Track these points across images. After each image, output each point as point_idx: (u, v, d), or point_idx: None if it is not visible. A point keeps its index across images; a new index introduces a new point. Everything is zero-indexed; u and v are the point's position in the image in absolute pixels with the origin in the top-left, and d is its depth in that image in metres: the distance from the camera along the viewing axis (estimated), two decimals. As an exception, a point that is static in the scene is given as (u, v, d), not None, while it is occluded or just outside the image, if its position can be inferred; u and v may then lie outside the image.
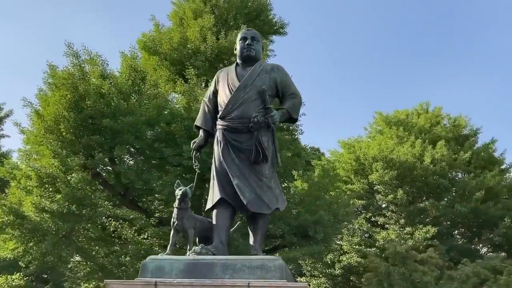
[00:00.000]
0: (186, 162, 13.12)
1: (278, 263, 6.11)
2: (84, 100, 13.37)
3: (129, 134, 13.06)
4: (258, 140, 7.04)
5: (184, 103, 14.33)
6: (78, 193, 12.25)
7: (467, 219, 24.98)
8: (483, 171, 27.08)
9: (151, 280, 6.03)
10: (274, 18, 21.96)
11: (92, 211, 12.56)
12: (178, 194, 6.86)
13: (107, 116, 13.12)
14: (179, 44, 17.26)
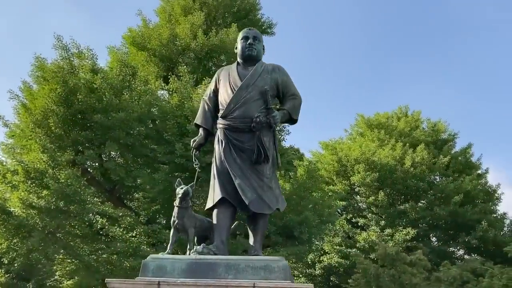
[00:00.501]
0: (179, 160, 12.99)
1: (282, 264, 6.12)
2: (74, 94, 13.09)
3: (121, 130, 12.84)
4: (260, 140, 7.04)
5: (176, 100, 14.16)
6: (68, 189, 12.00)
7: (445, 222, 25.47)
8: (461, 175, 27.64)
9: (154, 279, 5.96)
10: (262, 18, 22.00)
11: (80, 208, 12.30)
12: (179, 193, 6.80)
13: (98, 111, 12.87)
14: (168, 41, 17.09)
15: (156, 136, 13.86)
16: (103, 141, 13.03)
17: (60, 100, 13.04)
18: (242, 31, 7.76)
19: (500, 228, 26.43)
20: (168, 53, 17.12)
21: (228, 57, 17.17)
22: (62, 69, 13.47)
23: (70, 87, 13.07)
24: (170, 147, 13.38)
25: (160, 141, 13.81)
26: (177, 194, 6.80)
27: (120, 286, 6.01)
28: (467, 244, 24.72)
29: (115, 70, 14.10)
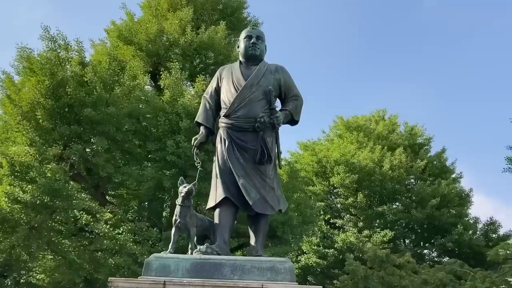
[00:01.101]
0: (170, 157, 12.79)
1: (288, 265, 6.10)
2: (62, 87, 12.72)
3: (111, 125, 12.55)
4: (264, 140, 7.03)
5: (167, 97, 13.95)
6: (55, 184, 11.66)
7: (421, 225, 25.95)
8: (437, 178, 28.21)
9: (159, 279, 5.86)
10: (248, 17, 21.92)
11: (67, 204, 11.96)
12: (182, 192, 6.72)
13: (87, 105, 12.54)
14: (155, 36, 16.82)
15: (146, 132, 13.62)
16: (92, 136, 12.70)
17: (48, 93, 12.66)
18: (244, 30, 7.71)
19: (474, 231, 27.10)
20: (155, 48, 16.86)
21: (216, 54, 17.04)
22: (50, 60, 13.08)
23: (59, 80, 12.70)
24: (160, 144, 13.19)
25: (149, 137, 13.59)
26: (180, 192, 6.71)
27: (124, 285, 5.88)
28: (443, 246, 25.24)
29: (104, 64, 13.77)
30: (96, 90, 12.64)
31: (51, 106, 12.61)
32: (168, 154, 12.83)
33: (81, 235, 13.45)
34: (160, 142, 13.25)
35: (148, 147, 13.25)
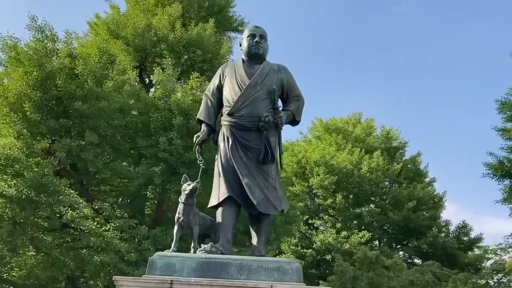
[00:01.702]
0: (162, 154, 12.57)
1: (295, 266, 6.10)
2: (52, 79, 12.33)
3: (101, 120, 12.24)
4: (268, 140, 7.02)
5: (159, 93, 13.73)
6: (43, 179, 11.28)
7: (398, 226, 26.39)
8: (412, 182, 28.75)
9: (166, 278, 5.76)
10: (234, 15, 21.85)
11: (54, 200, 11.59)
12: (186, 189, 6.63)
13: (78, 98, 12.18)
14: (143, 30, 16.54)
15: (136, 128, 13.37)
16: (81, 130, 12.36)
17: (36, 84, 12.24)
18: (248, 28, 7.66)
19: (447, 234, 27.75)
20: (142, 43, 16.57)
21: (204, 52, 16.87)
22: (37, 51, 12.66)
23: (47, 71, 12.30)
24: (152, 141, 12.97)
25: (138, 133, 13.34)
26: (184, 190, 6.62)
27: (130, 284, 5.75)
28: (417, 248, 25.74)
29: (94, 57, 13.44)
30: (88, 84, 12.32)
31: (39, 98, 12.21)
32: (160, 151, 12.63)
33: (65, 232, 13.09)
34: (151, 139, 13.04)
35: (139, 144, 13.00)
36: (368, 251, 17.19)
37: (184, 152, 12.52)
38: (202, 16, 19.51)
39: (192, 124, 12.97)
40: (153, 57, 17.04)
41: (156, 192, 14.13)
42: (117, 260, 12.10)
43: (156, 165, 13.20)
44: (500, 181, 18.82)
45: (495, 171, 18.44)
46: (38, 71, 12.20)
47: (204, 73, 16.46)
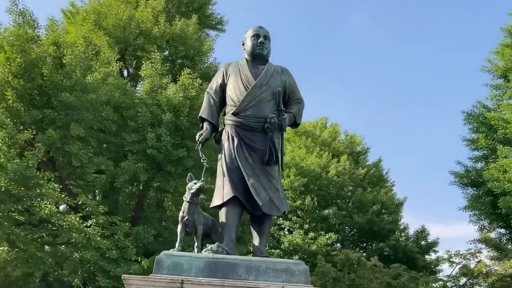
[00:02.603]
0: (150, 150, 12.27)
1: (303, 268, 6.17)
2: (37, 67, 11.78)
3: (88, 112, 11.83)
4: (273, 141, 7.06)
5: (147, 87, 13.42)
6: (27, 171, 10.75)
7: (362, 229, 26.98)
8: (375, 186, 29.48)
9: (177, 278, 5.72)
10: (213, 13, 21.68)
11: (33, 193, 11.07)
12: (193, 188, 6.57)
13: (64, 89, 11.69)
14: (126, 22, 16.12)
15: (122, 122, 13.03)
16: (66, 122, 11.89)
17: (20, 72, 11.67)
18: (252, 28, 7.66)
19: (407, 238, 28.63)
20: (124, 36, 16.15)
21: (186, 48, 16.62)
22: (20, 37, 12.07)
23: (31, 59, 11.75)
24: (138, 136, 12.67)
25: (124, 128, 13.01)
26: (190, 189, 6.56)
27: (139, 283, 5.66)
28: (380, 251, 26.39)
29: (79, 47, 12.96)
30: (76, 74, 11.88)
31: (22, 86, 11.67)
32: (148, 147, 12.36)
33: (42, 227, 12.56)
34: (138, 134, 12.74)
35: (126, 139, 12.68)
36: (351, 253, 17.52)
37: (172, 149, 12.33)
38: (182, 12, 19.26)
39: (181, 122, 12.80)
40: (132, 50, 16.67)
41: (138, 189, 13.85)
42: (98, 258, 11.78)
43: (141, 161, 12.93)
44: (465, 189, 19.63)
45: (460, 180, 19.21)
46: (21, 58, 11.66)
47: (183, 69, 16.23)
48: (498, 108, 19.09)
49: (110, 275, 11.78)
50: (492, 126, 18.36)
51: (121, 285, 12.39)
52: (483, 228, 20.01)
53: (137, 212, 13.91)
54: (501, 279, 13.76)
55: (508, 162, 15.15)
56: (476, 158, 19.23)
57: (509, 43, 20.02)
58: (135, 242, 12.34)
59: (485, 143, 17.48)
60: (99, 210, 12.02)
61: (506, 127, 16.26)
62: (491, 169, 16.21)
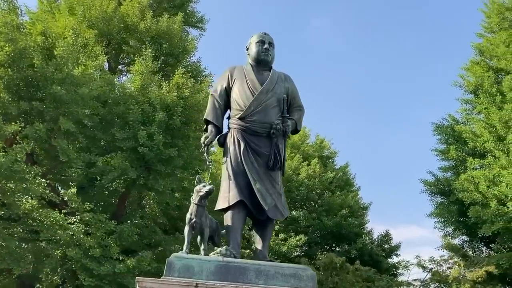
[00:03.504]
0: (142, 149, 12.08)
1: (310, 273, 6.40)
2: (26, 57, 11.34)
3: (78, 107, 11.52)
4: (277, 146, 7.27)
5: (138, 84, 13.21)
6: (15, 165, 10.34)
7: (330, 232, 27.51)
8: (342, 190, 30.12)
9: (191, 281, 5.82)
10: (194, 11, 21.57)
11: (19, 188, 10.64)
12: (202, 191, 6.68)
13: (55, 82, 11.31)
14: (111, 16, 15.78)
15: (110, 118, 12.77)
16: (54, 115, 11.52)
17: (8, 61, 11.22)
18: (256, 34, 7.83)
19: (372, 241, 29.40)
20: (108, 29, 15.81)
21: (170, 46, 16.46)
22: (7, 24, 11.58)
23: (20, 49, 11.31)
24: (128, 133, 12.46)
25: (113, 124, 12.76)
26: (198, 191, 6.65)
27: (154, 286, 5.70)
28: (347, 254, 26.98)
29: (69, 39, 12.59)
30: (68, 67, 11.55)
31: (10, 77, 11.24)
32: (139, 145, 12.19)
33: (22, 222, 12.10)
34: (128, 131, 12.54)
35: (116, 136, 12.46)
36: (334, 257, 17.84)
37: (164, 148, 12.24)
38: (164, 8, 19.10)
39: (174, 121, 12.74)
40: (115, 43, 16.35)
41: (122, 186, 13.64)
42: (81, 255, 11.53)
43: (130, 158, 12.75)
44: (434, 197, 20.46)
45: (430, 188, 20.00)
46: (9, 47, 11.23)
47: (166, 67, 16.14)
48: (467, 122, 20.03)
49: (93, 273, 11.57)
50: (461, 138, 19.23)
51: (104, 284, 12.31)
52: (447, 235, 20.87)
53: (119, 210, 13.70)
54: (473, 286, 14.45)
55: (479, 174, 15.93)
56: (446, 168, 20.06)
57: (478, 61, 21.01)
58: (118, 241, 12.18)
59: (455, 154, 18.27)
60: (84, 207, 11.78)
61: (476, 140, 17.08)
62: (461, 180, 16.97)
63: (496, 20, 22.42)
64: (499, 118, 15.78)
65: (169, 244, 13.81)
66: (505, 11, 22.07)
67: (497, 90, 17.97)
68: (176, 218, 15.17)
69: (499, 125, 15.87)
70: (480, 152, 17.40)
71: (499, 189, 14.85)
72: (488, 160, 16.56)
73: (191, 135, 13.37)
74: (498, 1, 22.87)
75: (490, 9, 23.04)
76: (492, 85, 18.30)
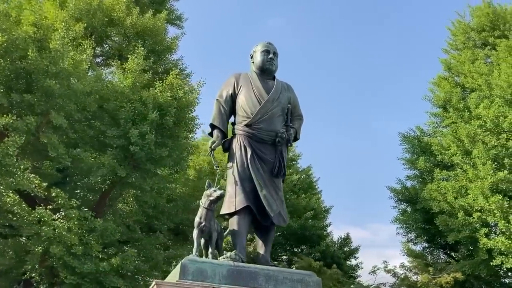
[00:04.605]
0: (134, 148, 11.90)
1: (316, 279, 6.70)
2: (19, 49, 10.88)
3: (71, 102, 11.18)
4: (282, 154, 7.54)
5: (129, 82, 12.98)
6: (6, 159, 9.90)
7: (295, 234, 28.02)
8: (306, 193, 30.75)
9: (207, 285, 5.92)
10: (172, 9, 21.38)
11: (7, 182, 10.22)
12: (213, 195, 6.83)
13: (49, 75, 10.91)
14: (96, 8, 15.39)
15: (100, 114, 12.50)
16: (45, 109, 11.13)
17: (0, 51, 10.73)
18: (262, 43, 8.08)
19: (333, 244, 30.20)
20: (91, 21, 15.39)
21: (152, 43, 16.23)
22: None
23: (13, 39, 10.84)
24: (119, 131, 12.23)
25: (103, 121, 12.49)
26: (209, 196, 6.79)
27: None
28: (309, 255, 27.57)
29: (60, 31, 12.17)
30: (63, 62, 11.21)
31: (2, 68, 10.75)
32: (131, 144, 12.01)
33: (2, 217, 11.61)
34: (118, 129, 12.33)
35: (107, 133, 12.21)
36: (312, 261, 18.17)
37: (155, 148, 12.15)
38: (145, 4, 18.84)
39: (166, 121, 12.69)
40: (96, 37, 15.96)
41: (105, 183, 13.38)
42: (64, 253, 11.25)
43: (119, 156, 12.54)
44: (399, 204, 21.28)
45: (397, 195, 20.80)
46: (2, 37, 10.75)
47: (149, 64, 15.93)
48: (433, 134, 20.97)
49: (75, 271, 11.32)
50: (427, 149, 20.10)
51: (85, 282, 12.10)
52: (409, 240, 21.76)
53: (98, 207, 13.45)
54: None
55: (448, 186, 16.75)
56: (413, 177, 20.91)
57: (447, 77, 22.01)
58: (100, 238, 11.98)
59: (424, 165, 19.08)
60: (70, 204, 11.51)
61: (444, 153, 17.93)
62: (428, 189, 17.77)
63: (462, 39, 23.59)
64: (467, 133, 16.63)
65: (150, 243, 13.76)
66: (471, 31, 23.26)
67: (464, 106, 18.92)
68: (152, 217, 15.10)
69: (466, 140, 16.74)
70: (447, 164, 18.28)
71: (466, 200, 15.70)
72: (456, 172, 17.43)
73: (180, 135, 13.35)
74: (464, 21, 24.07)
75: (457, 27, 24.21)
76: (459, 101, 19.26)
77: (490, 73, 18.79)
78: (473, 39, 23.39)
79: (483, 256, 15.10)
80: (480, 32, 22.52)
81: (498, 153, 16.03)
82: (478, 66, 19.75)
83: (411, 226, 20.49)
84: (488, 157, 15.67)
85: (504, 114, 16.22)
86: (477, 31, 22.75)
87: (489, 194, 14.77)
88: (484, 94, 17.82)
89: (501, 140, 16.23)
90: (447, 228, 16.32)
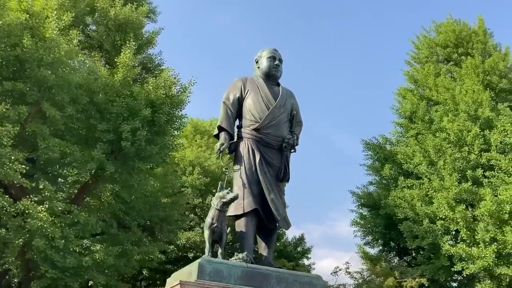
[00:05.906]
0: (125, 143, 11.57)
1: (323, 282, 7.05)
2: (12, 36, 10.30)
3: (64, 93, 10.71)
4: (287, 159, 7.83)
5: (120, 76, 12.63)
6: None
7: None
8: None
9: (225, 285, 6.06)
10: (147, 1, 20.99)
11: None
12: (226, 198, 7.01)
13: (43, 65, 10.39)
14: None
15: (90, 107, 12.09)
16: (37, 99, 10.61)
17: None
18: (268, 49, 8.38)
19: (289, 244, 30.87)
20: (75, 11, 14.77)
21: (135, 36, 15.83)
22: None
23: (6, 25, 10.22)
24: (109, 126, 11.88)
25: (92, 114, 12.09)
26: (222, 198, 6.95)
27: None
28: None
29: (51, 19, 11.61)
30: (59, 51, 10.75)
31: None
32: (122, 140, 11.72)
33: None
34: (109, 124, 11.99)
35: (99, 127, 11.85)
36: (286, 262, 18.34)
37: (146, 145, 11.96)
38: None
39: (159, 118, 12.52)
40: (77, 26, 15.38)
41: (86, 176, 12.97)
42: (47, 246, 10.84)
43: (107, 151, 12.21)
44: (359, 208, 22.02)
45: (359, 200, 21.50)
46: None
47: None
48: (397, 143, 21.81)
49: (56, 265, 10.95)
50: (390, 157, 20.90)
51: (65, 277, 11.74)
52: (366, 244, 22.54)
53: (76, 200, 13.03)
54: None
55: (414, 194, 17.54)
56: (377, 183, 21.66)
57: (412, 89, 22.91)
58: (81, 232, 11.64)
59: (388, 172, 19.85)
60: (56, 197, 11.09)
61: (410, 162, 18.74)
62: (393, 196, 18.52)
63: (426, 53, 24.57)
64: (433, 145, 17.45)
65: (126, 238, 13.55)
66: (435, 46, 24.25)
67: (429, 118, 19.82)
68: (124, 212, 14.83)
69: (432, 151, 17.58)
70: (411, 172, 19.10)
71: (430, 208, 16.52)
72: (421, 181, 18.25)
73: (168, 133, 13.23)
74: (429, 36, 25.09)
75: (421, 41, 25.18)
76: (425, 113, 20.16)
77: (453, 88, 19.76)
78: (437, 53, 24.36)
79: (445, 262, 15.97)
80: (445, 47, 23.50)
81: (461, 165, 16.95)
82: (443, 81, 20.70)
83: (368, 230, 21.23)
84: (453, 169, 16.56)
85: (468, 128, 17.20)
86: (441, 47, 23.71)
87: (454, 204, 15.65)
88: (448, 108, 18.77)
89: (463, 153, 17.20)
90: (411, 234, 17.10)
